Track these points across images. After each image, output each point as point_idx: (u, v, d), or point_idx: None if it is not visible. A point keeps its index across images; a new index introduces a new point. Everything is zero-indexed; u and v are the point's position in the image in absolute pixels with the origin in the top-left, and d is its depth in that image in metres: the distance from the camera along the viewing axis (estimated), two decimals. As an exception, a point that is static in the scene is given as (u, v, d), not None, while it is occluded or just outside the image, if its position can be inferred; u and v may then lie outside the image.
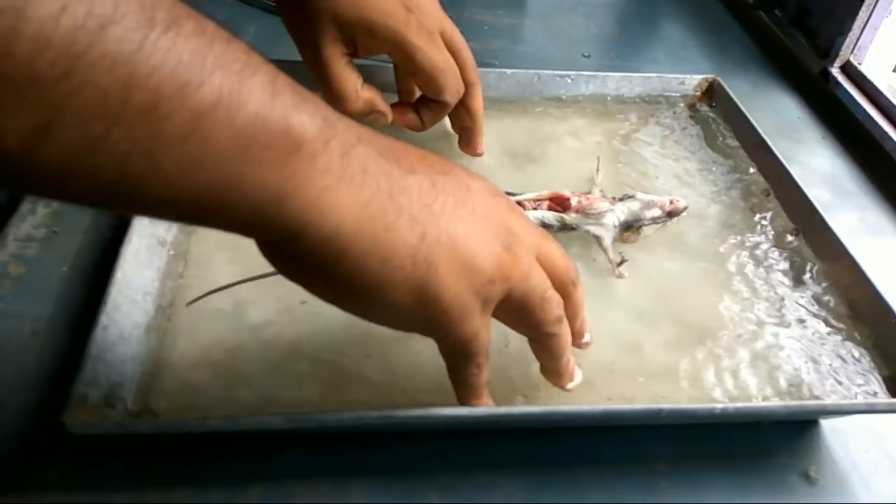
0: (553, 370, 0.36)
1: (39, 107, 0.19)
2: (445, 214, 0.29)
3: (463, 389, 0.33)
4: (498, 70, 0.58)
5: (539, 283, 0.32)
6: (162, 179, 0.22)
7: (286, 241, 0.26)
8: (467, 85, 0.48)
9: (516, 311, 0.32)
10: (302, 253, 0.26)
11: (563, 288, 0.34)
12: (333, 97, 0.45)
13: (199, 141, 0.22)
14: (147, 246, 0.41)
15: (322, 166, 0.25)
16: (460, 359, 0.32)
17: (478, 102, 0.49)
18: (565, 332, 0.34)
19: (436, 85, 0.46)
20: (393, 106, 0.50)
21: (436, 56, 0.44)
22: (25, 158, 0.19)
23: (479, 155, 0.52)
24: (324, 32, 0.43)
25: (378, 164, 0.27)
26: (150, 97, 0.20)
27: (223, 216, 0.24)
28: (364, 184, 0.26)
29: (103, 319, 0.35)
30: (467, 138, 0.51)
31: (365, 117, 0.47)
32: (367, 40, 0.44)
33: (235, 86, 0.22)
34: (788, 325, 0.43)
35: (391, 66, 0.50)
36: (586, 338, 0.38)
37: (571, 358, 0.35)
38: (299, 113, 0.24)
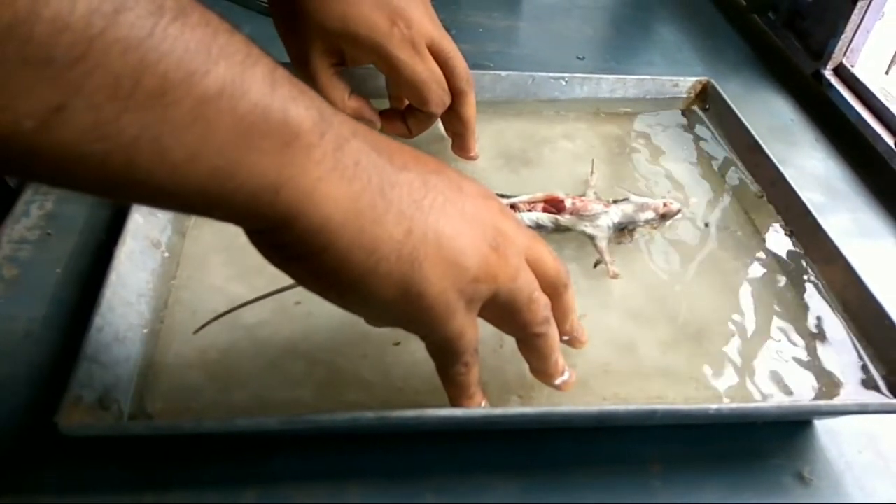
0: (542, 370, 0.36)
1: (54, 89, 0.19)
2: (434, 212, 0.29)
3: (452, 389, 0.33)
4: (493, 72, 0.58)
5: (526, 284, 0.32)
6: (167, 166, 0.22)
7: (276, 230, 0.26)
8: (458, 93, 0.48)
9: (503, 311, 0.32)
10: (290, 242, 0.26)
11: (553, 290, 0.34)
12: None
13: (203, 128, 0.22)
14: (141, 248, 0.41)
15: (317, 157, 0.25)
16: (447, 357, 0.32)
17: (469, 110, 0.49)
18: (552, 333, 0.34)
19: (419, 96, 0.46)
20: (381, 113, 0.50)
21: (419, 68, 0.45)
22: (37, 143, 0.20)
23: (473, 158, 0.52)
24: (312, 43, 0.44)
25: (371, 158, 0.27)
26: (158, 83, 0.21)
27: (222, 205, 0.24)
28: (355, 177, 0.27)
29: (97, 321, 0.35)
30: (460, 143, 0.52)
31: None
32: (352, 52, 0.45)
33: (238, 76, 0.23)
34: (782, 326, 0.43)
35: None
36: (579, 334, 0.38)
37: (560, 358, 0.36)
38: (297, 105, 0.25)
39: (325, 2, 0.43)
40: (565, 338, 0.37)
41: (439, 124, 0.52)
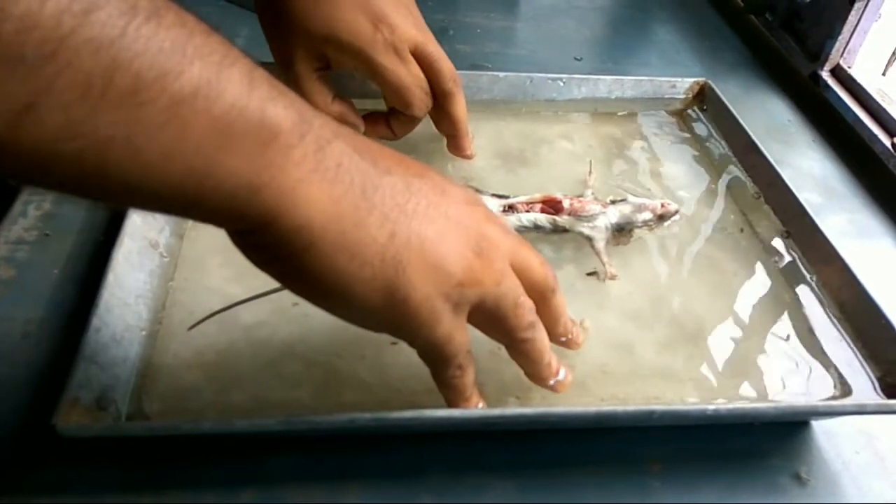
0: (534, 374, 0.36)
1: (25, 88, 0.19)
2: (417, 216, 0.29)
3: (448, 392, 0.33)
4: (490, 73, 0.58)
5: (511, 288, 0.32)
6: (142, 165, 0.22)
7: (256, 231, 0.26)
8: (446, 94, 0.48)
9: (490, 317, 0.32)
10: (271, 243, 0.26)
11: (540, 295, 0.34)
12: None
13: (178, 128, 0.22)
14: (139, 248, 0.41)
15: (297, 159, 0.25)
16: (438, 363, 0.32)
17: (459, 110, 0.50)
18: (540, 337, 0.34)
19: (402, 100, 0.47)
20: (365, 117, 0.51)
21: (401, 73, 0.45)
22: (9, 141, 0.20)
23: (469, 157, 0.52)
24: (296, 47, 0.45)
25: (353, 161, 0.27)
26: (131, 82, 0.21)
27: (199, 204, 0.24)
28: (337, 179, 0.27)
29: (95, 322, 0.35)
30: (454, 143, 0.52)
31: None
32: (336, 56, 0.45)
33: (214, 76, 0.23)
34: (779, 327, 0.43)
35: None
36: (574, 336, 0.38)
37: (553, 360, 0.35)
38: (275, 105, 0.25)
39: (310, 6, 0.44)
40: (562, 339, 0.37)
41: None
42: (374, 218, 0.27)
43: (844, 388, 0.40)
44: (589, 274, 0.45)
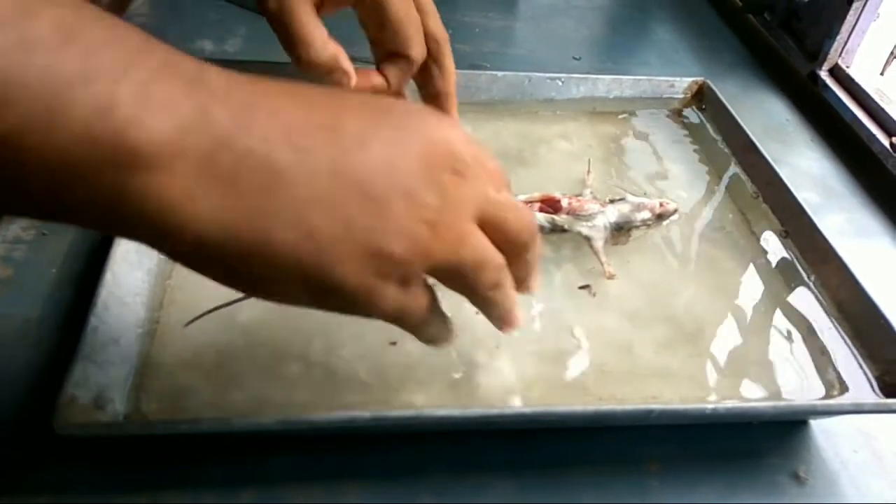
0: (493, 318, 0.33)
1: None
2: (348, 201, 0.26)
3: (422, 339, 0.32)
4: (489, 73, 0.58)
5: (472, 250, 0.29)
6: None
7: (157, 244, 0.25)
8: (437, 40, 0.47)
9: (447, 277, 0.30)
10: (183, 254, 0.25)
11: (513, 250, 0.31)
12: (299, 44, 0.42)
13: (11, 167, 0.21)
14: (137, 247, 0.41)
15: (179, 172, 0.23)
16: (406, 330, 0.30)
17: (449, 60, 0.48)
18: (504, 294, 0.31)
19: (403, 36, 0.44)
20: (357, 71, 0.46)
21: (406, 9, 0.44)
22: None
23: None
24: None
25: (256, 158, 0.24)
26: None
27: (75, 223, 0.24)
28: (232, 186, 0.24)
29: (93, 321, 0.35)
30: (442, 106, 0.48)
31: (328, 75, 0.46)
32: None
33: (55, 100, 0.21)
34: (777, 326, 0.43)
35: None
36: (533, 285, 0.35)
37: (515, 309, 0.32)
38: (143, 122, 0.22)
39: None
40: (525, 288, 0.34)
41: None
42: (283, 217, 0.25)
43: (842, 388, 0.40)
44: (581, 287, 0.45)
